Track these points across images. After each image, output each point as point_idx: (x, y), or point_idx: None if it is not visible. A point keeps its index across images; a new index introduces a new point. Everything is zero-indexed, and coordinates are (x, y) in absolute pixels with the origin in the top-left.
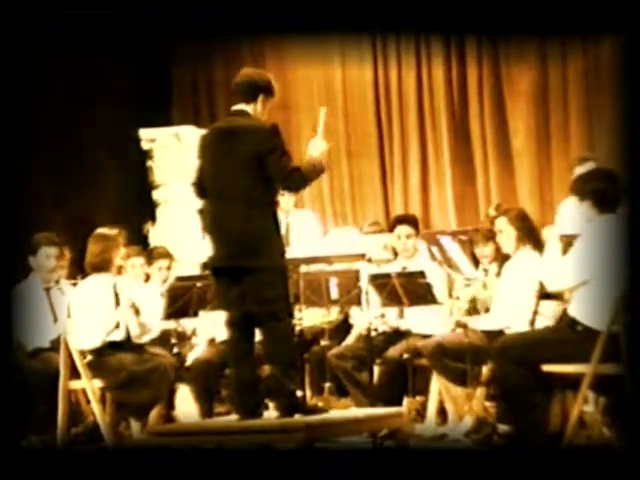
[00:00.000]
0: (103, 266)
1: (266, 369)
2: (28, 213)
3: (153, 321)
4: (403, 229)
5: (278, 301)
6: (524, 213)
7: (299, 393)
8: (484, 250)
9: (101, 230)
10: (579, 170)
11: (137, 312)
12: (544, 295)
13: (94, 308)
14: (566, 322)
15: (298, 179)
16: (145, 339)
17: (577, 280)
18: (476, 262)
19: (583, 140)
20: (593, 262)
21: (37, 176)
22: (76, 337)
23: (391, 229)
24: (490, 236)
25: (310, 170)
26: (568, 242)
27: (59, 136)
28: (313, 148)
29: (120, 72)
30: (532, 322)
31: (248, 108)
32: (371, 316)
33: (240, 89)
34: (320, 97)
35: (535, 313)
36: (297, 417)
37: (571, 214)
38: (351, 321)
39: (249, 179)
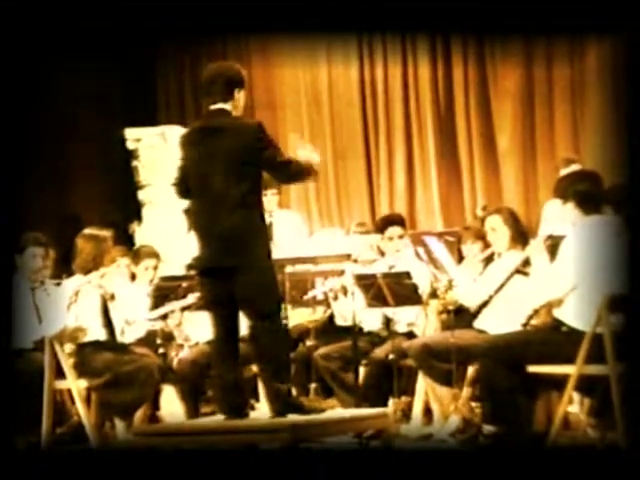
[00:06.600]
0: (93, 268)
1: (252, 369)
2: (14, 212)
3: (139, 321)
4: (395, 230)
5: (268, 300)
6: (515, 213)
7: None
8: (472, 248)
9: (92, 231)
10: (564, 172)
11: (112, 297)
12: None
13: (79, 308)
14: (551, 323)
15: (295, 170)
16: (130, 337)
17: (568, 286)
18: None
19: (568, 140)
20: (578, 263)
21: (21, 175)
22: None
23: (381, 230)
24: (480, 235)
25: (301, 168)
26: (555, 243)
27: (45, 136)
28: (302, 154)
29: (105, 72)
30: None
31: (227, 106)
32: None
33: (215, 87)
34: (306, 97)
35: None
36: (282, 417)
37: (556, 215)
38: (337, 321)
39: (237, 178)
